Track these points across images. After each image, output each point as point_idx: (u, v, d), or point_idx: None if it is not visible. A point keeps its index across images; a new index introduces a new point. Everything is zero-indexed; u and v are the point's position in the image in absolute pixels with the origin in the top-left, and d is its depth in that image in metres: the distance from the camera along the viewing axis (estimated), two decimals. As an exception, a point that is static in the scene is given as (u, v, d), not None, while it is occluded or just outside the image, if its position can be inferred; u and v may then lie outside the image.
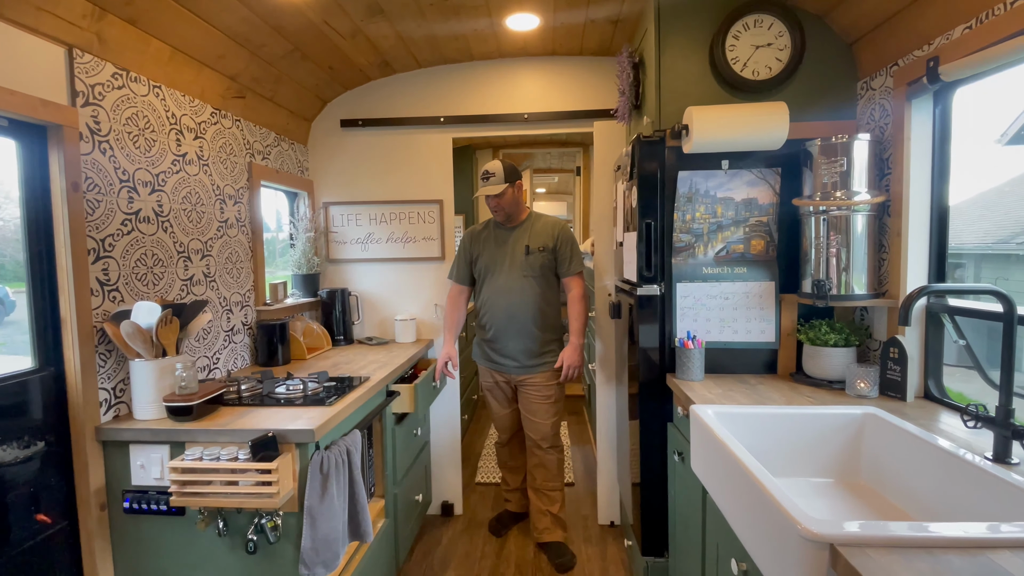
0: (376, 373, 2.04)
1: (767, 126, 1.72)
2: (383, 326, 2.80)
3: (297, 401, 1.67)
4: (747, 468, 1.12)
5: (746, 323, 1.87)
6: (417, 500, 2.42)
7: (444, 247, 2.73)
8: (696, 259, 1.88)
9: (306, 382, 1.77)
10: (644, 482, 1.98)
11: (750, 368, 1.90)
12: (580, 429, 4.09)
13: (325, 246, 2.78)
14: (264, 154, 2.36)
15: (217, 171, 2.03)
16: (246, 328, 2.20)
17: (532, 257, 2.44)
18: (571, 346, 2.39)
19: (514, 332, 2.43)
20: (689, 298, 1.89)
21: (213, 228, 2.00)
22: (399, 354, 2.40)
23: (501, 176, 2.35)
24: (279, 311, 2.38)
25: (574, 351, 2.39)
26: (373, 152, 2.73)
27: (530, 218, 2.52)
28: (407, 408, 2.15)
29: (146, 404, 1.52)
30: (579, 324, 2.42)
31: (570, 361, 2.38)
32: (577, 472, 3.33)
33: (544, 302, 2.45)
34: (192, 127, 1.90)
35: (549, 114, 2.61)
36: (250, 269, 2.23)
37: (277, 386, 1.78)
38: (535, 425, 2.45)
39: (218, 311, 2.02)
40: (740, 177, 1.85)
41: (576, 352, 2.39)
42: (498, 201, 2.38)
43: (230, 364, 2.09)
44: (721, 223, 1.87)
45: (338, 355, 2.39)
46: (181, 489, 1.38)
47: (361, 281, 2.79)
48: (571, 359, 2.39)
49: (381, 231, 2.75)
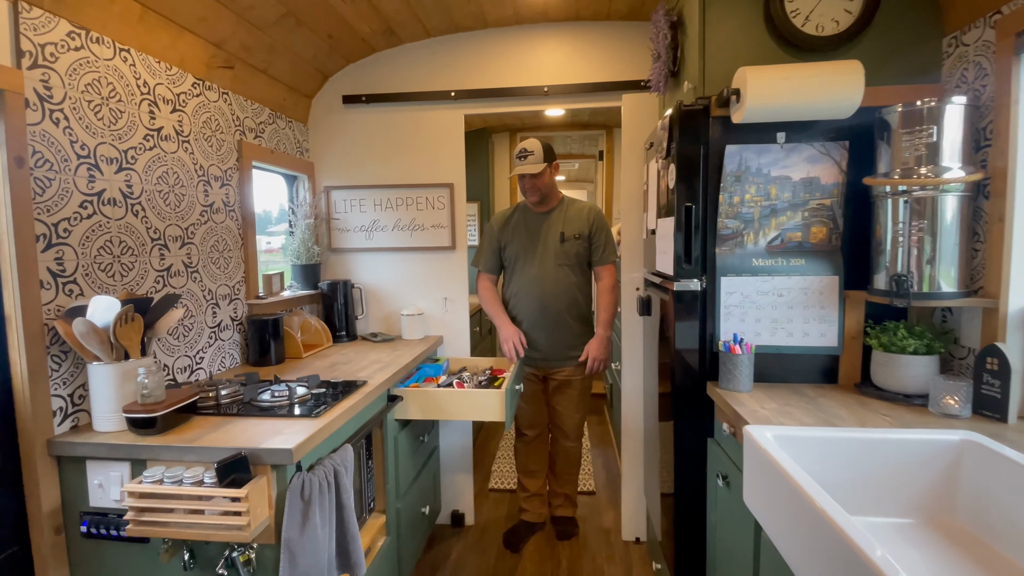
0: (376, 376, 1.82)
1: (837, 89, 1.44)
2: (389, 321, 2.58)
3: (281, 411, 1.46)
4: (825, 513, 0.87)
5: (803, 324, 1.60)
6: (424, 512, 2.21)
7: (455, 235, 2.50)
8: (744, 249, 1.61)
9: (293, 388, 1.56)
10: (679, 503, 1.73)
11: (805, 376, 1.63)
12: (602, 430, 3.85)
13: (327, 234, 2.56)
14: (257, 132, 2.14)
15: (200, 149, 1.82)
16: (236, 324, 2.00)
17: (567, 245, 2.26)
18: (598, 338, 2.30)
19: (549, 324, 2.30)
20: (736, 294, 1.62)
21: (195, 213, 1.79)
22: (404, 353, 2.17)
23: (540, 155, 2.20)
24: (274, 305, 2.17)
25: (600, 343, 2.30)
26: (378, 131, 2.50)
27: (563, 203, 2.32)
28: (496, 417, 1.93)
29: (106, 414, 1.32)
30: (608, 315, 2.30)
31: (596, 353, 2.30)
32: (598, 478, 3.09)
33: (579, 292, 2.32)
34: (169, 98, 1.68)
35: (572, 87, 2.34)
36: (240, 259, 2.02)
37: (261, 392, 1.57)
38: (564, 418, 2.40)
39: (201, 305, 1.82)
40: (799, 152, 1.57)
41: (603, 345, 2.29)
42: (535, 181, 2.23)
43: (217, 364, 1.89)
44: (775, 207, 1.59)
45: (338, 353, 2.18)
46: (138, 516, 1.18)
47: (365, 272, 2.58)
48: (597, 351, 2.29)
49: (387, 218, 2.53)
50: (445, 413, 1.93)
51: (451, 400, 1.93)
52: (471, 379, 2.13)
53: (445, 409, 1.93)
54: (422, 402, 1.94)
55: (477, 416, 1.93)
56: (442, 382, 2.07)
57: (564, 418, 2.40)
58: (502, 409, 1.92)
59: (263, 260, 2.55)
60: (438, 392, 1.94)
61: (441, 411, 1.93)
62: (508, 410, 1.95)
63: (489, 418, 1.93)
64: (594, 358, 2.28)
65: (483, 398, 1.93)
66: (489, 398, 1.93)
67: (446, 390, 1.95)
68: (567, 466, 2.53)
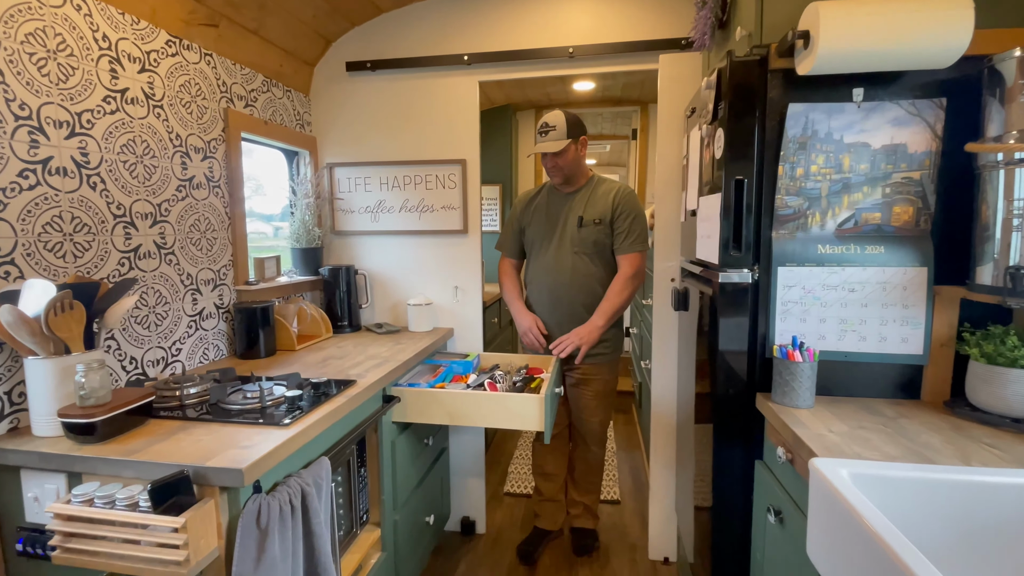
0: (370, 373, 1.61)
1: (939, 28, 1.12)
2: (396, 311, 2.37)
3: (249, 416, 1.25)
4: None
5: (879, 326, 1.30)
6: (427, 522, 2.00)
7: (467, 218, 2.25)
8: (808, 233, 1.31)
9: (267, 388, 1.36)
10: (717, 534, 1.46)
11: (879, 390, 1.33)
12: (629, 431, 3.58)
13: (330, 215, 2.35)
14: (248, 101, 1.93)
15: (177, 116, 1.62)
16: (222, 312, 1.81)
17: (585, 231, 1.99)
18: (591, 325, 1.99)
19: (561, 319, 2.07)
20: (796, 288, 1.32)
21: (171, 188, 1.60)
22: (408, 346, 1.95)
23: (563, 129, 1.93)
24: (267, 292, 1.98)
25: (588, 331, 1.98)
26: (384, 102, 2.27)
27: (590, 183, 2.05)
28: (534, 425, 1.67)
29: (44, 416, 1.14)
30: (611, 306, 1.99)
31: (573, 337, 1.98)
32: (624, 486, 2.83)
33: (599, 284, 2.04)
34: (137, 56, 1.48)
35: (601, 47, 2.05)
36: (227, 240, 1.83)
37: (232, 392, 1.37)
38: (583, 419, 2.15)
39: (178, 291, 1.63)
40: (881, 113, 1.26)
41: (591, 332, 1.98)
42: (556, 160, 1.97)
43: (198, 356, 1.71)
44: (848, 181, 1.29)
45: (335, 346, 1.98)
46: (64, 543, 0.99)
47: (371, 257, 2.36)
48: (576, 336, 1.98)
49: (394, 198, 2.30)
50: (470, 419, 1.69)
51: (480, 405, 1.68)
52: (504, 378, 1.89)
53: (470, 415, 1.69)
54: (437, 407, 1.70)
55: (510, 424, 1.68)
56: (471, 381, 1.83)
57: (584, 420, 2.15)
58: (540, 416, 1.66)
59: (268, 245, 2.37)
60: (463, 396, 1.68)
61: (465, 417, 1.69)
62: (548, 417, 1.69)
63: (525, 427, 1.68)
64: (567, 341, 1.98)
65: (518, 404, 1.67)
66: (524, 404, 1.66)
67: (474, 394, 1.69)
68: (587, 473, 2.28)
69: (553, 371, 1.86)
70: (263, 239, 2.34)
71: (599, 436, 2.19)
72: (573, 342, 1.95)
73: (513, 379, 1.92)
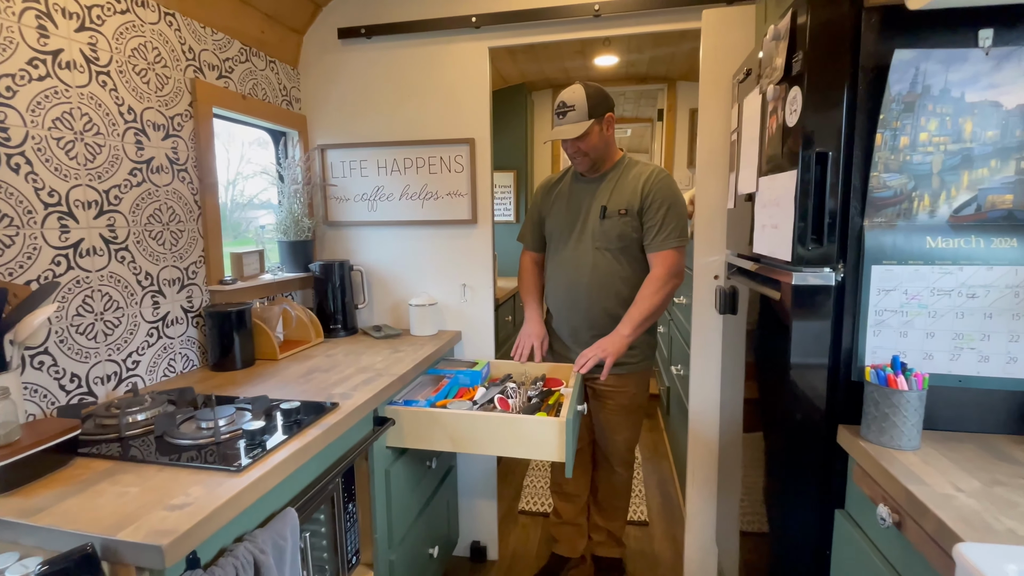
0: (358, 392, 1.35)
1: None
2: (397, 311, 2.11)
3: (200, 454, 1.00)
4: None
5: (1008, 343, 1.00)
6: (431, 555, 1.75)
7: (475, 206, 1.97)
8: (913, 221, 1.01)
9: (225, 417, 1.10)
10: (783, 599, 1.18)
11: (1000, 424, 1.03)
12: (655, 439, 3.29)
13: (323, 204, 2.09)
14: (222, 71, 1.67)
15: (129, 86, 1.36)
16: (191, 316, 1.57)
17: (608, 223, 1.70)
18: (615, 335, 1.67)
19: (578, 324, 1.79)
20: (895, 293, 1.03)
21: (122, 171, 1.34)
22: (407, 355, 1.69)
23: (583, 108, 1.62)
24: (246, 292, 1.73)
25: (614, 344, 1.66)
26: (382, 74, 1.99)
27: (619, 165, 1.76)
28: (554, 456, 1.37)
29: (-65, 459, 0.89)
30: (640, 313, 1.67)
31: (603, 351, 1.65)
32: (651, 502, 2.55)
33: (624, 285, 1.74)
34: (74, 12, 1.22)
35: (632, 2, 1.74)
36: (196, 232, 1.58)
37: (183, 421, 1.12)
38: (606, 437, 1.88)
39: (133, 294, 1.38)
40: (1018, 62, 0.95)
41: (616, 344, 1.66)
42: (578, 146, 1.67)
43: (162, 368, 1.47)
44: (970, 152, 0.98)
45: (323, 354, 1.72)
46: (-65, 639, 0.75)
47: (368, 251, 2.10)
48: (605, 349, 1.65)
49: (393, 184, 2.03)
50: (476, 446, 1.42)
51: (488, 429, 1.40)
52: (517, 392, 1.61)
53: (476, 441, 1.42)
54: (437, 430, 1.43)
55: (525, 453, 1.40)
56: (479, 396, 1.57)
57: (607, 437, 1.87)
58: (561, 445, 1.37)
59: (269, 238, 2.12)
60: (468, 418, 1.41)
61: (471, 443, 1.42)
62: (570, 445, 1.39)
63: (542, 456, 1.39)
64: (589, 355, 1.66)
65: (534, 428, 1.38)
66: (541, 430, 1.37)
67: (481, 416, 1.41)
68: (612, 497, 2.01)
69: (575, 386, 1.58)
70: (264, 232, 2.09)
71: (624, 457, 1.91)
72: (597, 355, 1.66)
73: (528, 393, 1.65)
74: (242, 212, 2.18)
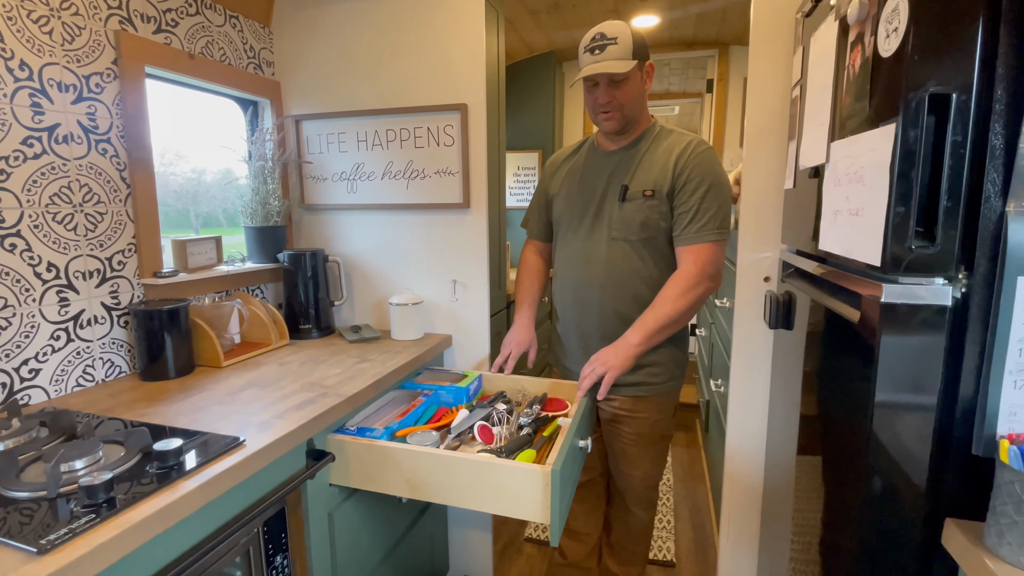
0: (286, 419, 1.06)
1: None
2: (381, 310, 1.82)
3: (28, 517, 0.74)
4: None
5: None
6: (403, 603, 1.47)
7: (468, 186, 1.64)
8: (1105, 204, 0.61)
9: (58, 466, 0.83)
10: None
11: None
12: (691, 456, 2.89)
13: (299, 185, 1.82)
14: (161, 24, 1.41)
15: (21, 34, 1.11)
16: (118, 316, 1.33)
17: (629, 207, 1.34)
18: (622, 342, 1.31)
19: (587, 330, 1.45)
20: (1066, 325, 0.63)
21: (11, 140, 1.10)
22: (372, 366, 1.40)
23: (627, 44, 1.25)
24: (193, 286, 1.48)
25: (617, 355, 1.30)
26: (362, 31, 1.68)
27: (648, 135, 1.39)
28: (535, 516, 1.03)
29: None
30: (656, 319, 1.30)
31: (603, 364, 1.30)
32: (681, 538, 2.18)
33: (645, 287, 1.37)
34: (-67, -65, 0.97)
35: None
36: (124, 215, 1.33)
37: (28, 464, 0.86)
38: (622, 471, 1.52)
39: (31, 289, 1.15)
40: None
41: (619, 355, 1.30)
42: (614, 94, 1.29)
43: (74, 377, 1.24)
44: None
45: (278, 361, 1.45)
46: None
47: (348, 239, 1.81)
48: (605, 361, 1.30)
49: (374, 160, 1.73)
50: (440, 494, 1.10)
51: (453, 474, 1.08)
52: (506, 418, 1.29)
53: (440, 488, 1.09)
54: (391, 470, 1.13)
55: (499, 509, 1.06)
56: (456, 422, 1.26)
57: (621, 471, 1.52)
58: (544, 502, 1.02)
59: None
60: (428, 457, 1.09)
61: (433, 491, 1.10)
62: (556, 501, 1.01)
63: (520, 515, 1.05)
64: (588, 370, 1.32)
65: (510, 477, 1.03)
66: (520, 479, 1.03)
67: (444, 456, 1.08)
68: (628, 540, 1.66)
69: (578, 414, 1.24)
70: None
71: (642, 496, 1.55)
72: (595, 370, 1.31)
73: (520, 420, 1.32)
74: (222, 195, 1.94)
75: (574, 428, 1.18)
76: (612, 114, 1.32)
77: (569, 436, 1.14)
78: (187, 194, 1.84)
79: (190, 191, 1.85)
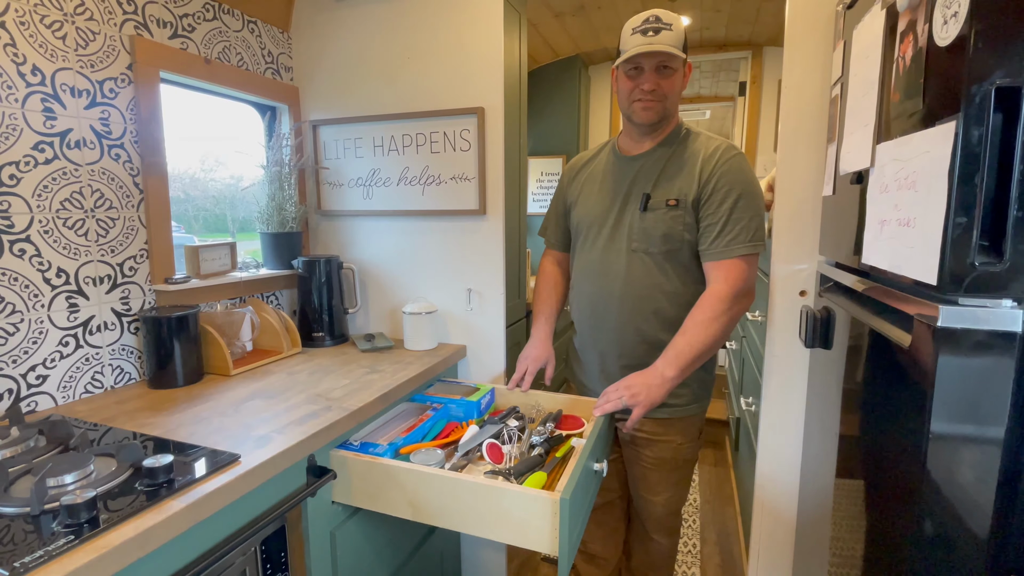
0: (287, 433, 1.02)
1: None
2: (395, 318, 1.78)
3: (1, 537, 0.71)
4: None
5: None
6: (410, 626, 1.41)
7: (484, 192, 1.59)
8: None
9: (44, 481, 0.80)
10: None
11: None
12: (719, 476, 2.76)
13: (315, 191, 1.80)
14: (177, 29, 1.40)
15: (33, 39, 1.11)
16: (128, 322, 1.32)
17: (651, 217, 1.25)
18: (655, 374, 1.21)
19: (605, 348, 1.36)
20: None
21: (21, 145, 1.10)
22: (381, 378, 1.35)
23: (680, 35, 1.19)
24: (205, 292, 1.47)
25: (650, 386, 1.21)
26: (380, 34, 1.65)
27: (675, 138, 1.31)
28: (543, 547, 0.96)
29: None
30: (690, 347, 1.20)
31: (632, 394, 1.21)
32: (707, 564, 2.06)
33: (668, 302, 1.28)
34: (-52, -59, 0.98)
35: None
36: (136, 221, 1.32)
37: (16, 478, 0.83)
38: (640, 499, 1.43)
39: (39, 295, 1.14)
40: None
41: (653, 390, 1.20)
42: (659, 81, 1.22)
43: (84, 384, 1.23)
44: None
45: (287, 371, 1.42)
46: None
47: (363, 246, 1.78)
48: (635, 392, 1.21)
49: (390, 166, 1.69)
50: (444, 518, 1.04)
51: (456, 497, 1.02)
52: (517, 436, 1.23)
53: (444, 511, 1.04)
54: (394, 489, 1.07)
55: (503, 537, 0.99)
56: (465, 439, 1.20)
57: (641, 496, 1.43)
58: (553, 532, 0.94)
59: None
60: (432, 479, 1.03)
61: (437, 514, 1.04)
62: (566, 531, 0.93)
63: (527, 544, 0.97)
64: (611, 396, 1.23)
65: (516, 503, 0.96)
66: (526, 506, 0.95)
67: (449, 477, 1.02)
68: (648, 568, 1.56)
69: (593, 435, 1.16)
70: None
71: (664, 523, 1.46)
72: (622, 397, 1.23)
73: (532, 439, 1.25)
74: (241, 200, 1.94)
75: (588, 450, 1.10)
76: (653, 104, 1.24)
77: (582, 459, 1.06)
78: (225, 199, 1.85)
79: (228, 196, 1.85)
